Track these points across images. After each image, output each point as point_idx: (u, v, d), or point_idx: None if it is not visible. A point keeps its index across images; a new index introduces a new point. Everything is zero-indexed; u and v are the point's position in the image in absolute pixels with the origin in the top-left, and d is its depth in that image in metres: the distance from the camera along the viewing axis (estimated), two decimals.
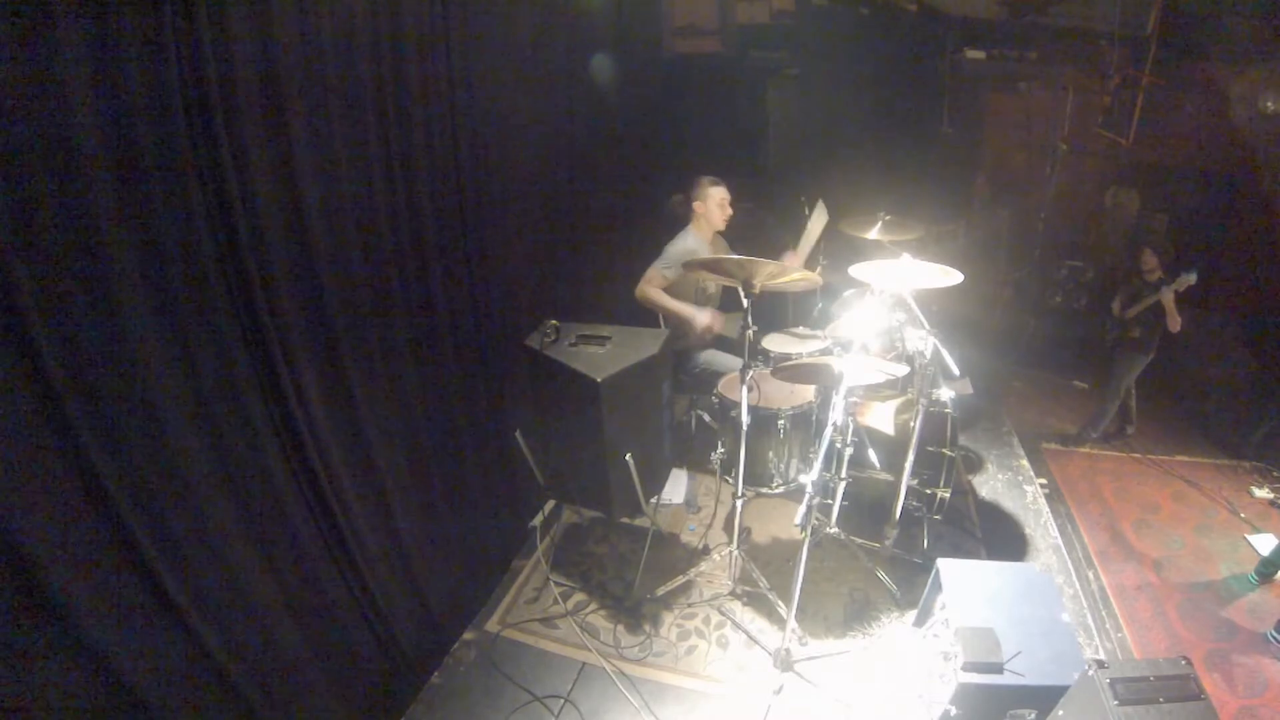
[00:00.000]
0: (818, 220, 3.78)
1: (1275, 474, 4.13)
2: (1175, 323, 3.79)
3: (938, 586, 2.38)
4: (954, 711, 2.08)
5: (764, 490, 3.08)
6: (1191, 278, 3.63)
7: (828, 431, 2.24)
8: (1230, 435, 4.51)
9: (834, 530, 3.05)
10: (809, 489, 2.15)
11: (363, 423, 2.23)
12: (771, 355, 3.38)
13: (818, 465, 2.23)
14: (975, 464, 4.02)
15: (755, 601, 2.89)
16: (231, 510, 1.76)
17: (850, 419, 2.80)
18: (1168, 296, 3.73)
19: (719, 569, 3.03)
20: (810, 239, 3.81)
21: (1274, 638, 2.88)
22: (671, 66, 4.97)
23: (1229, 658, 2.81)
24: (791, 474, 3.06)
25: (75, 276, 1.36)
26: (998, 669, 2.00)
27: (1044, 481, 4.04)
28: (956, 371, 2.91)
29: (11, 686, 1.30)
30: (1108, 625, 2.95)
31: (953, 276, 2.70)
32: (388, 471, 2.37)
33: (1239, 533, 3.60)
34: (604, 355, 2.75)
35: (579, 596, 2.95)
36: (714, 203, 3.52)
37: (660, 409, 3.12)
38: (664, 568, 3.06)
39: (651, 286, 3.44)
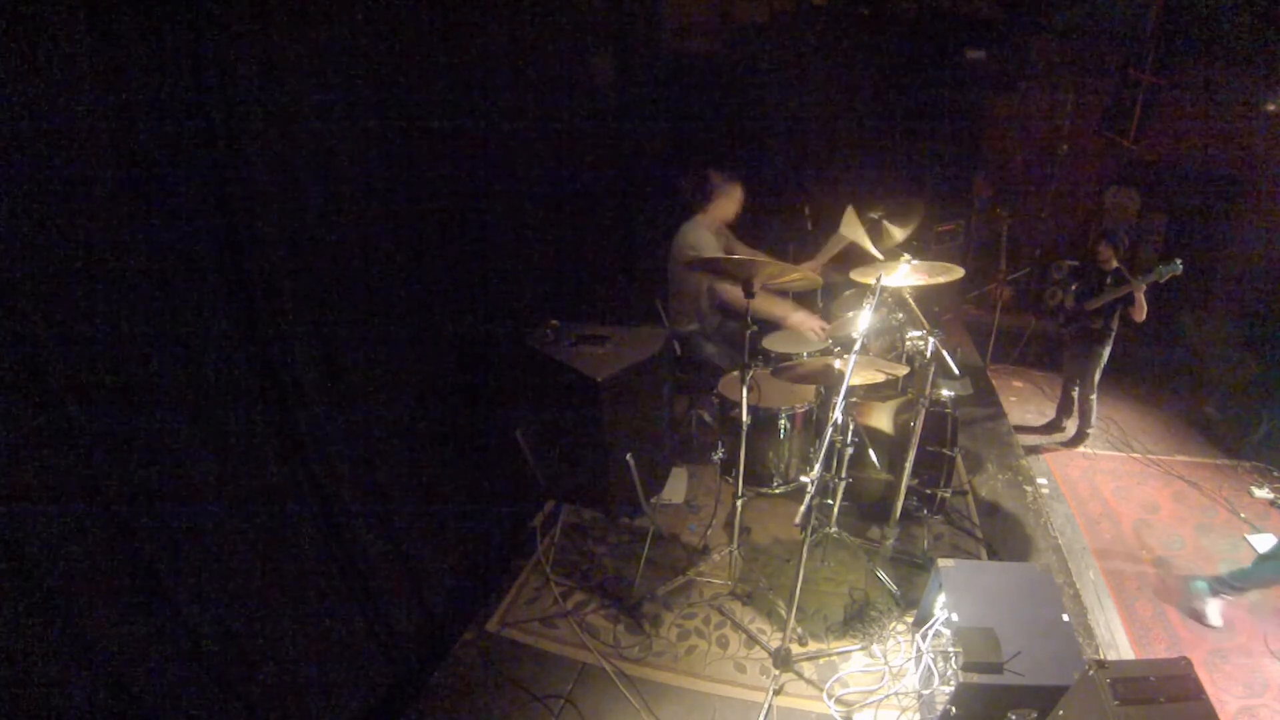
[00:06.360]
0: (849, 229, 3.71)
1: (1275, 474, 4.13)
2: (1141, 314, 3.79)
3: (938, 586, 2.38)
4: (954, 711, 2.07)
5: (764, 490, 3.07)
6: (1177, 268, 3.57)
7: (828, 431, 2.24)
8: (1230, 435, 4.51)
9: (834, 530, 3.05)
10: (809, 489, 2.15)
11: (363, 423, 2.23)
12: (772, 355, 3.38)
13: (818, 465, 2.22)
14: (975, 464, 4.02)
15: (755, 601, 2.89)
16: (231, 510, 1.76)
17: (850, 419, 2.80)
18: (1140, 289, 3.71)
19: (719, 569, 3.03)
20: (831, 250, 3.75)
21: (1199, 589, 3.00)
22: (671, 66, 4.97)
23: (1229, 658, 2.81)
24: (791, 474, 3.06)
25: (75, 276, 1.36)
26: (998, 669, 2.00)
27: (1044, 481, 4.04)
28: (956, 371, 2.91)
29: (12, 686, 1.30)
30: (1108, 625, 2.96)
31: (953, 272, 2.71)
32: (388, 471, 2.37)
33: (1239, 533, 3.60)
34: (604, 355, 2.76)
35: (579, 596, 2.95)
36: (733, 201, 3.55)
37: (660, 409, 3.12)
38: (664, 568, 3.06)
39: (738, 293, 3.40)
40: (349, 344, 2.14)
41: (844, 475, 2.87)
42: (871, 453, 3.17)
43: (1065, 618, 2.18)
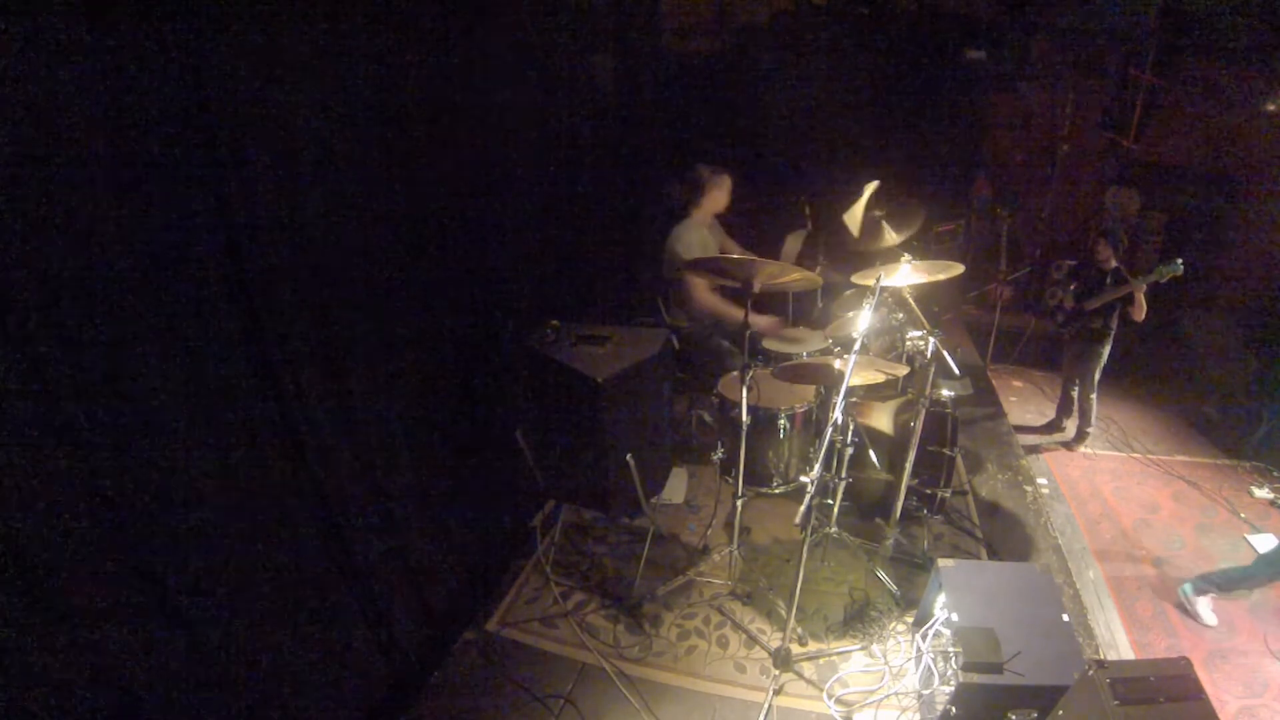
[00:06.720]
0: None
1: (1275, 474, 4.14)
2: (1140, 313, 3.79)
3: (938, 586, 2.38)
4: (954, 711, 2.07)
5: (764, 490, 3.07)
6: (1178, 268, 3.56)
7: (828, 431, 2.24)
8: (1230, 435, 4.51)
9: (834, 530, 3.05)
10: (809, 489, 2.15)
11: (363, 423, 2.23)
12: (772, 355, 3.37)
13: (818, 465, 2.22)
14: (975, 464, 4.02)
15: (755, 601, 2.89)
16: (231, 510, 1.76)
17: (850, 419, 2.80)
18: (1140, 289, 3.72)
19: (719, 569, 3.03)
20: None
21: (1185, 592, 3.03)
22: (671, 66, 4.97)
23: (1229, 658, 2.82)
24: (791, 474, 3.06)
25: (75, 276, 1.36)
26: (998, 669, 2.00)
27: (1044, 481, 4.04)
28: (957, 371, 2.91)
29: (12, 686, 1.30)
30: (1108, 625, 2.96)
31: (953, 269, 2.71)
32: (388, 471, 2.37)
33: (1239, 533, 3.60)
34: (604, 355, 2.75)
35: (579, 596, 2.95)
36: (724, 192, 3.58)
37: (660, 409, 3.11)
38: (664, 568, 3.06)
39: (707, 293, 3.45)
40: (349, 344, 2.14)
41: (844, 475, 2.87)
42: (871, 453, 3.17)
43: (1065, 618, 2.18)
